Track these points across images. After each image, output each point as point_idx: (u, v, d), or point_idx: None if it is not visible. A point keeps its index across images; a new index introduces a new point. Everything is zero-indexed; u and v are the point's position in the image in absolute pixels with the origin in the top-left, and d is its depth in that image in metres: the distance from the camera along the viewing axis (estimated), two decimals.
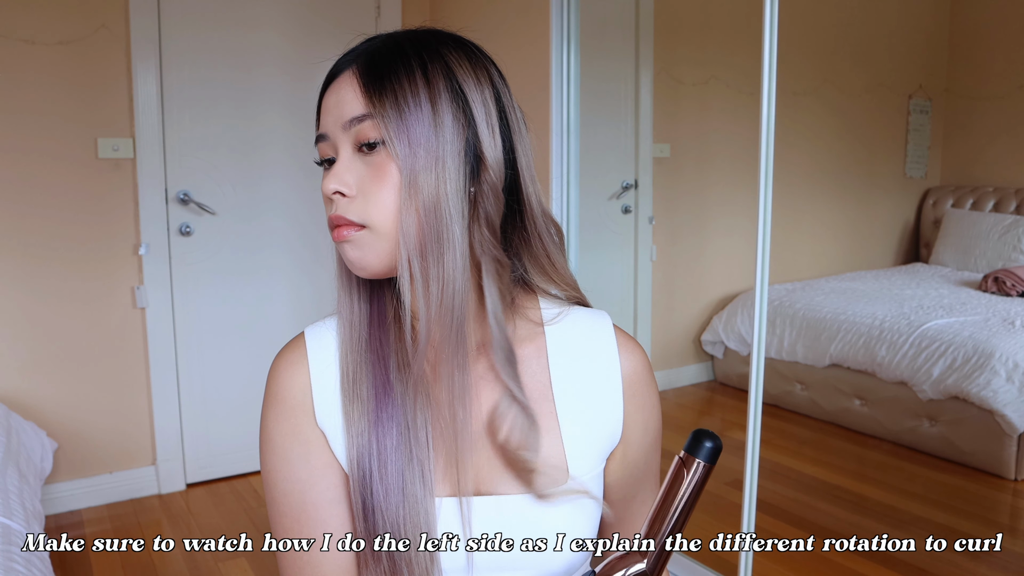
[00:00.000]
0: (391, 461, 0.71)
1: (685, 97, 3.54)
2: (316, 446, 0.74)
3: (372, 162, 0.69)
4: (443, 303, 0.69)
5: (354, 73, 0.71)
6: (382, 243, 0.69)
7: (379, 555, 0.70)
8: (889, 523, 2.39)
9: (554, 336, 0.78)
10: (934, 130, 4.33)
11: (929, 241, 4.32)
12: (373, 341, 0.75)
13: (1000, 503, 2.59)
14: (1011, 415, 2.60)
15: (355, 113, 0.69)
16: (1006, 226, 3.85)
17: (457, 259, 0.69)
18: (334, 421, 0.74)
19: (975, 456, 2.75)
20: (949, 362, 2.80)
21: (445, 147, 0.69)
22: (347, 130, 0.70)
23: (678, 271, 3.66)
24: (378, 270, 0.71)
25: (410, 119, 0.68)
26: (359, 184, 0.70)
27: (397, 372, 0.73)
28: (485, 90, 0.72)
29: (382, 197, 0.69)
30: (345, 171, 0.70)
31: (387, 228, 0.69)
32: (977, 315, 3.06)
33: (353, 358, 0.74)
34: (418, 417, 0.72)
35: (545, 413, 0.75)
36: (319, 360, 0.76)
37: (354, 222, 0.69)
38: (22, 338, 2.54)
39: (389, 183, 0.69)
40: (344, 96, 0.71)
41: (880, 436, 3.07)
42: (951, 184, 4.34)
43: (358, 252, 0.70)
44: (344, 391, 0.74)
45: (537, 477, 0.73)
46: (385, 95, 0.68)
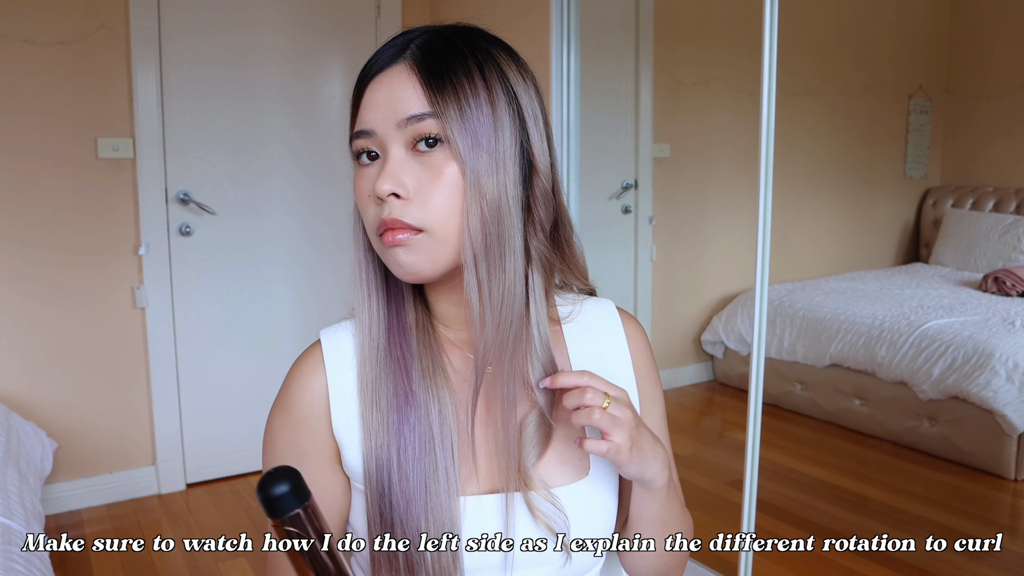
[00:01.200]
0: (413, 472, 0.70)
1: (685, 97, 3.54)
2: (312, 458, 0.75)
3: (429, 163, 0.67)
4: (503, 307, 0.69)
5: (411, 68, 0.68)
6: (439, 248, 0.67)
7: (397, 565, 0.69)
8: (889, 523, 2.39)
9: (571, 333, 0.80)
10: (934, 130, 4.33)
11: (929, 241, 4.32)
12: (393, 348, 0.74)
13: (1000, 503, 2.59)
14: (1011, 415, 2.60)
15: (415, 111, 0.66)
16: (1006, 226, 3.85)
17: (518, 263, 0.69)
18: (352, 429, 0.74)
19: (975, 456, 2.75)
20: (949, 362, 2.80)
21: (505, 150, 0.68)
22: (402, 128, 0.67)
23: (678, 271, 3.66)
24: (429, 276, 0.69)
25: (472, 119, 0.66)
26: (415, 185, 0.67)
27: (421, 380, 0.72)
28: (532, 93, 0.72)
29: (441, 199, 0.66)
30: (400, 171, 0.67)
31: (445, 232, 0.67)
32: (977, 315, 3.06)
33: (372, 367, 0.73)
34: (444, 425, 0.72)
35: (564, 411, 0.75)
36: (337, 367, 0.75)
37: (411, 225, 0.67)
38: (22, 338, 2.54)
39: (449, 184, 0.66)
40: (400, 92, 0.67)
41: (880, 436, 3.07)
42: (951, 184, 4.34)
43: (413, 257, 0.68)
44: (363, 401, 0.73)
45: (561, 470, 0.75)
46: (447, 93, 0.66)
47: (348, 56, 2.97)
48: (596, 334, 0.81)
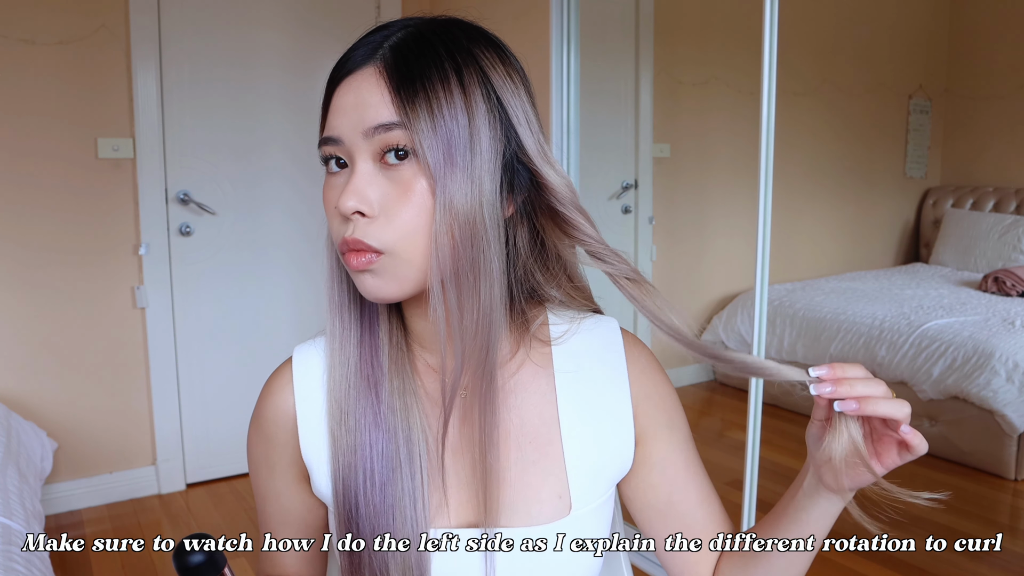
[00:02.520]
0: (381, 497, 0.67)
1: (685, 97, 3.54)
2: (281, 473, 0.75)
3: (397, 177, 0.61)
4: (478, 335, 0.63)
5: (379, 72, 0.62)
6: (404, 269, 0.62)
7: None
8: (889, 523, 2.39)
9: (561, 357, 0.73)
10: (934, 130, 4.33)
11: (929, 241, 4.32)
12: (364, 367, 0.69)
13: (1000, 503, 2.59)
14: (1011, 415, 2.60)
15: (382, 120, 0.61)
16: (1006, 226, 3.85)
17: (494, 288, 0.63)
18: (320, 452, 0.71)
19: (975, 456, 2.75)
20: (949, 362, 2.80)
21: (482, 164, 0.61)
22: (369, 137, 0.61)
23: (678, 271, 3.66)
24: (398, 298, 0.64)
25: (445, 130, 0.60)
26: (381, 202, 0.61)
27: (390, 402, 0.68)
28: (522, 96, 0.65)
29: (409, 218, 0.61)
30: (366, 186, 0.61)
31: (411, 253, 0.62)
32: (977, 315, 3.06)
33: (342, 387, 0.69)
34: (413, 450, 0.68)
35: (550, 442, 0.71)
36: (305, 386, 0.73)
37: (374, 247, 0.61)
38: (22, 338, 2.54)
39: (417, 202, 0.61)
40: (367, 98, 0.62)
41: None
42: (951, 184, 4.34)
43: (378, 281, 0.63)
44: (331, 422, 0.69)
45: (540, 509, 0.69)
46: (418, 101, 0.60)
47: None
48: (591, 357, 0.73)
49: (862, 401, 0.59)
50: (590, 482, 0.71)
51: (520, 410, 0.71)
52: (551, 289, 0.74)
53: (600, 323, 0.76)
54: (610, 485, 0.73)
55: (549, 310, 0.75)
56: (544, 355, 0.73)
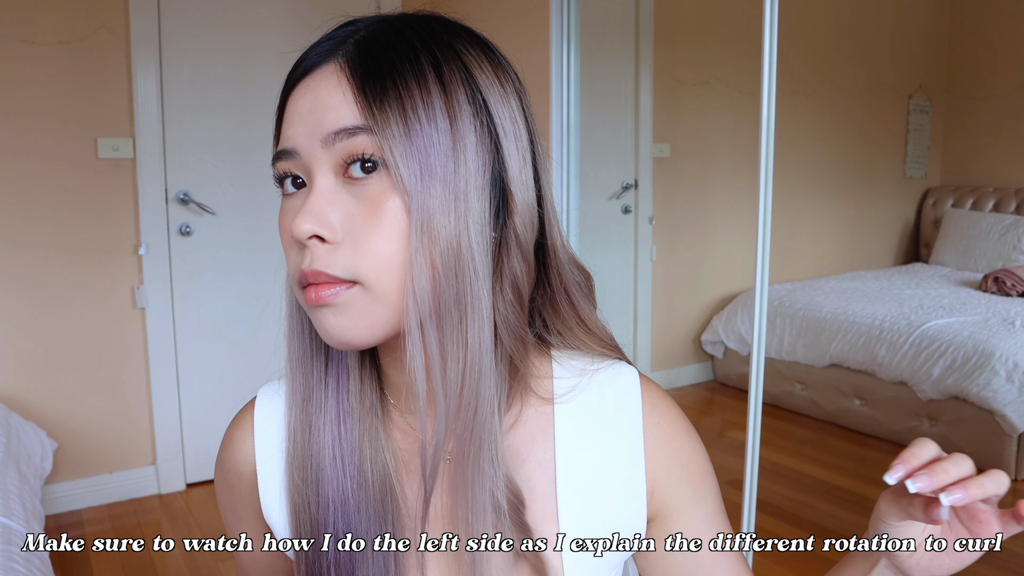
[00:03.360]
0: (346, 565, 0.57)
1: (685, 97, 3.54)
2: (247, 523, 0.68)
3: (364, 194, 0.50)
4: (464, 388, 0.52)
5: (340, 68, 0.52)
6: (376, 307, 0.51)
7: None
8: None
9: (565, 418, 0.60)
10: (934, 130, 4.34)
11: (929, 241, 4.32)
12: (330, 433, 0.58)
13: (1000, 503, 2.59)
14: (1011, 415, 2.60)
15: (344, 123, 0.50)
16: (1006, 226, 3.85)
17: (484, 329, 0.51)
18: (281, 513, 0.62)
19: (975, 456, 2.73)
20: (949, 362, 2.80)
21: (468, 178, 0.51)
22: (329, 146, 0.51)
23: (678, 271, 3.66)
24: (368, 342, 0.52)
25: (422, 137, 0.50)
26: (345, 225, 0.50)
27: (360, 471, 0.57)
28: (512, 103, 0.55)
29: (380, 243, 0.50)
30: (326, 205, 0.50)
31: (385, 285, 0.50)
32: (977, 315, 3.06)
33: (299, 457, 0.58)
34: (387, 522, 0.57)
35: (544, 523, 0.58)
36: (266, 438, 0.63)
37: (340, 278, 0.50)
38: (22, 338, 2.54)
39: (389, 224, 0.50)
40: (327, 99, 0.51)
41: (880, 436, 3.07)
42: (951, 184, 4.34)
43: (343, 320, 0.51)
44: (290, 492, 0.59)
45: None
46: (388, 101, 0.50)
47: None
48: (600, 422, 0.60)
49: (966, 486, 0.52)
50: (589, 567, 0.60)
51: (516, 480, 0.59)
52: (559, 339, 0.62)
53: (616, 377, 0.61)
54: (612, 569, 0.62)
55: (555, 359, 0.62)
56: (545, 415, 0.60)
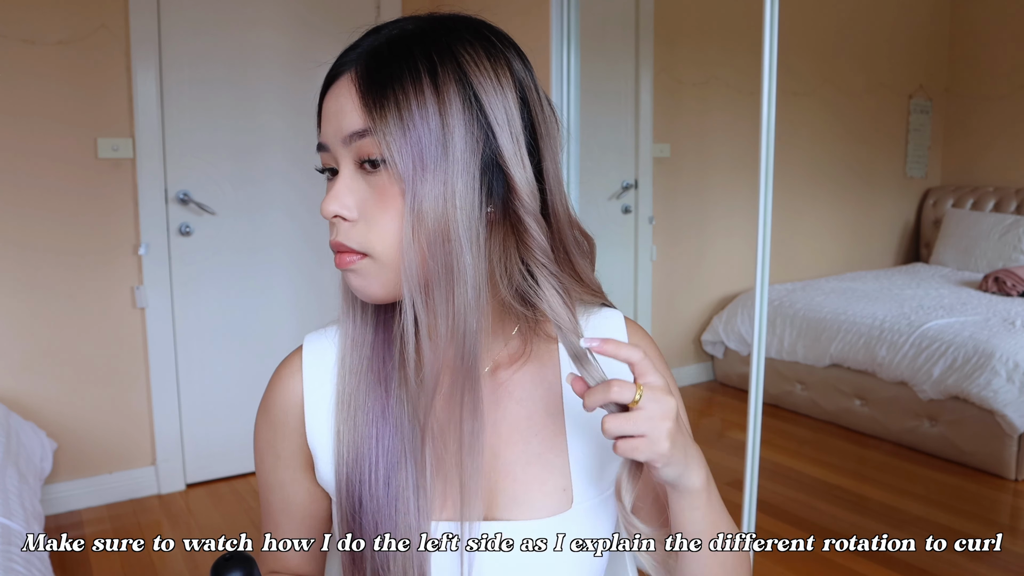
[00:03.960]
0: (384, 490, 0.67)
1: (685, 97, 3.54)
2: (285, 462, 0.75)
3: (375, 183, 0.63)
4: (454, 341, 0.63)
5: (352, 79, 0.64)
6: (386, 272, 0.64)
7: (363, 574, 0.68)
8: (889, 523, 2.39)
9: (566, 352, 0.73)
10: (934, 130, 4.34)
11: (929, 241, 4.32)
12: (375, 361, 0.70)
13: (1000, 503, 2.59)
14: (1011, 415, 2.60)
15: (354, 128, 0.63)
16: (1006, 226, 3.85)
17: (468, 293, 0.62)
18: (325, 441, 0.72)
19: (975, 456, 2.75)
20: (949, 362, 2.80)
21: (456, 166, 0.61)
22: (347, 145, 0.64)
23: (678, 271, 3.66)
24: (384, 298, 0.66)
25: (415, 135, 0.60)
26: (361, 207, 0.64)
27: (399, 394, 0.69)
28: (507, 94, 0.64)
29: (384, 223, 0.63)
30: (346, 192, 0.64)
31: (391, 257, 0.63)
32: (977, 315, 3.06)
33: (351, 379, 0.70)
34: (417, 444, 0.68)
35: (555, 434, 0.71)
36: (314, 375, 0.74)
37: (355, 250, 0.64)
38: (22, 338, 2.54)
39: (392, 208, 0.62)
40: (343, 105, 0.64)
41: (880, 436, 3.07)
42: (951, 184, 4.34)
43: (362, 281, 0.65)
44: (339, 413, 0.70)
45: (543, 502, 0.69)
46: (387, 107, 0.61)
47: None
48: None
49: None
50: (593, 476, 0.71)
51: (527, 404, 0.72)
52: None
53: (606, 317, 0.77)
54: (612, 482, 0.73)
55: None
56: (551, 351, 0.74)
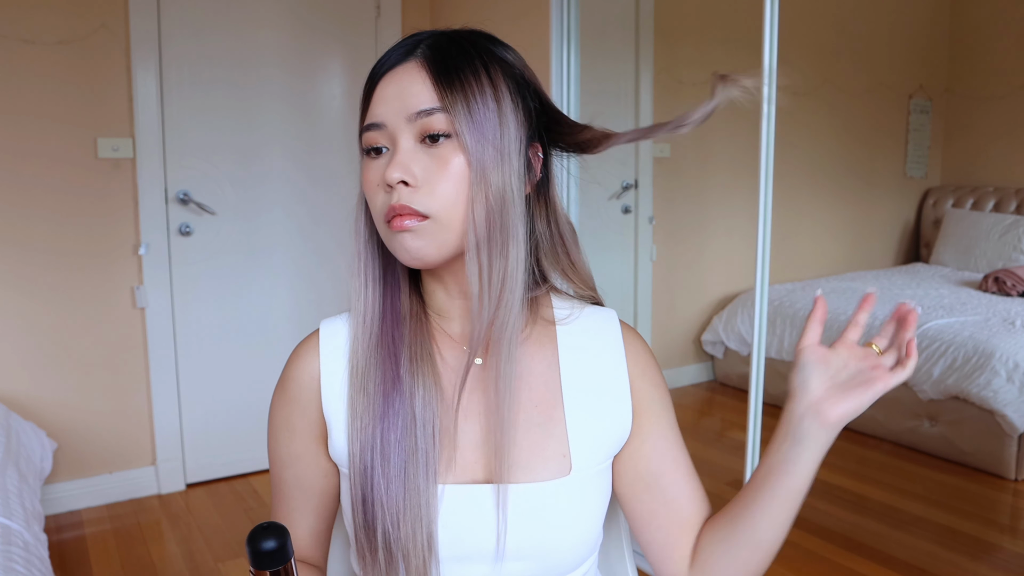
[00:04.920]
0: (394, 454, 0.73)
1: (685, 97, 3.54)
2: (300, 435, 0.80)
3: (436, 154, 0.71)
4: (504, 291, 0.71)
5: (422, 65, 0.72)
6: (445, 234, 0.71)
7: (376, 545, 0.72)
8: (889, 523, 2.39)
9: (565, 335, 0.81)
10: (934, 130, 4.34)
11: (929, 241, 4.32)
12: (385, 336, 0.77)
13: (1000, 503, 2.59)
14: (1011, 415, 2.60)
15: (424, 105, 0.70)
16: (1006, 226, 3.85)
17: (520, 251, 0.72)
18: (340, 411, 0.77)
19: (975, 456, 2.75)
20: (949, 362, 2.80)
21: (510, 143, 0.71)
22: (412, 121, 0.71)
23: (678, 271, 3.66)
24: (434, 261, 0.73)
25: (479, 115, 0.70)
26: (423, 175, 0.71)
27: (408, 366, 0.75)
28: (530, 92, 0.77)
29: (448, 188, 0.70)
30: (410, 160, 0.71)
31: (451, 219, 0.71)
32: (977, 315, 3.06)
33: (364, 353, 0.76)
34: (427, 410, 0.74)
35: (554, 407, 0.77)
36: (330, 352, 0.79)
37: (419, 212, 0.70)
38: (22, 338, 2.54)
39: (455, 175, 0.70)
40: (410, 87, 0.71)
41: (880, 436, 3.07)
42: (951, 184, 4.34)
43: (420, 242, 0.71)
44: (352, 384, 0.76)
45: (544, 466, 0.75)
46: (455, 90, 0.70)
47: (348, 56, 2.97)
48: (591, 339, 0.81)
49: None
50: (590, 447, 0.77)
51: (528, 377, 0.78)
52: (554, 272, 0.82)
53: (600, 312, 0.84)
54: (608, 454, 0.79)
55: (552, 295, 0.83)
56: (549, 332, 0.81)
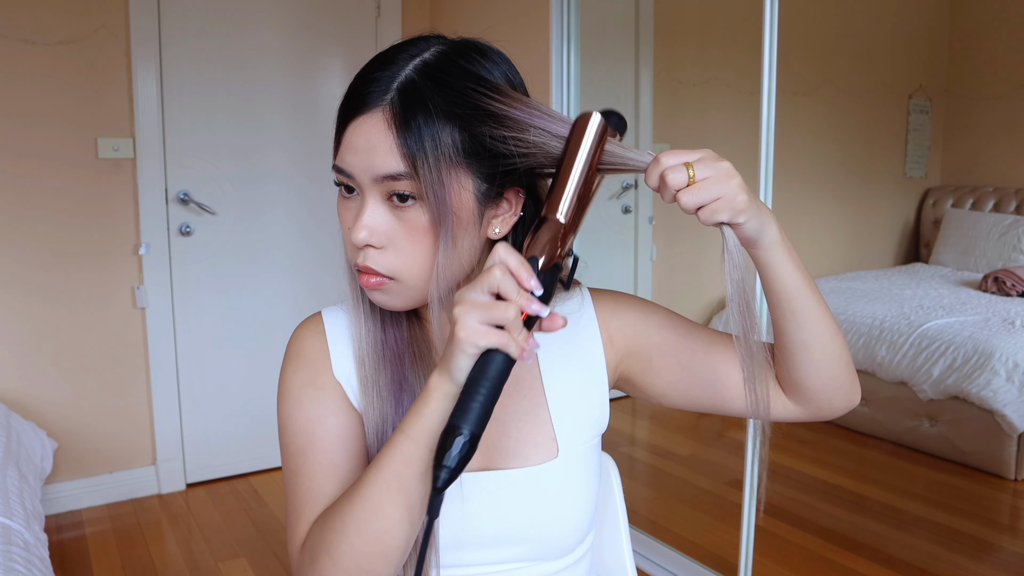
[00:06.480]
0: None
1: (685, 97, 3.54)
2: (330, 391, 0.77)
3: (403, 216, 0.68)
4: None
5: (388, 121, 0.65)
6: (410, 291, 0.71)
7: None
8: (889, 523, 2.39)
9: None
10: (934, 130, 4.33)
11: (929, 241, 4.32)
12: (388, 338, 0.77)
13: (1000, 503, 2.59)
14: (1011, 415, 2.60)
15: (390, 170, 0.66)
16: (1006, 226, 3.85)
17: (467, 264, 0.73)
18: (350, 385, 0.78)
19: (975, 456, 2.75)
20: (949, 362, 2.80)
21: (480, 200, 0.68)
22: (378, 183, 0.67)
23: (678, 271, 3.66)
24: (404, 309, 0.74)
25: (449, 179, 0.66)
26: (389, 235, 0.69)
27: (411, 366, 0.76)
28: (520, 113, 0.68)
29: (413, 251, 0.69)
30: (376, 222, 0.68)
31: (416, 279, 0.70)
32: (977, 315, 3.06)
33: (371, 361, 0.76)
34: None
35: (535, 397, 0.80)
36: (335, 335, 0.80)
37: (383, 274, 0.70)
38: (22, 338, 2.54)
39: (422, 240, 0.68)
40: (376, 144, 0.66)
41: (880, 436, 3.07)
42: (951, 184, 4.34)
43: (386, 298, 0.72)
44: (364, 395, 0.76)
45: (534, 451, 0.78)
46: (426, 154, 0.65)
47: (348, 56, 2.97)
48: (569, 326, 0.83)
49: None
50: (574, 427, 0.80)
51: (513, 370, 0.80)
52: None
53: (574, 296, 0.86)
54: (593, 434, 0.82)
55: None
56: None
